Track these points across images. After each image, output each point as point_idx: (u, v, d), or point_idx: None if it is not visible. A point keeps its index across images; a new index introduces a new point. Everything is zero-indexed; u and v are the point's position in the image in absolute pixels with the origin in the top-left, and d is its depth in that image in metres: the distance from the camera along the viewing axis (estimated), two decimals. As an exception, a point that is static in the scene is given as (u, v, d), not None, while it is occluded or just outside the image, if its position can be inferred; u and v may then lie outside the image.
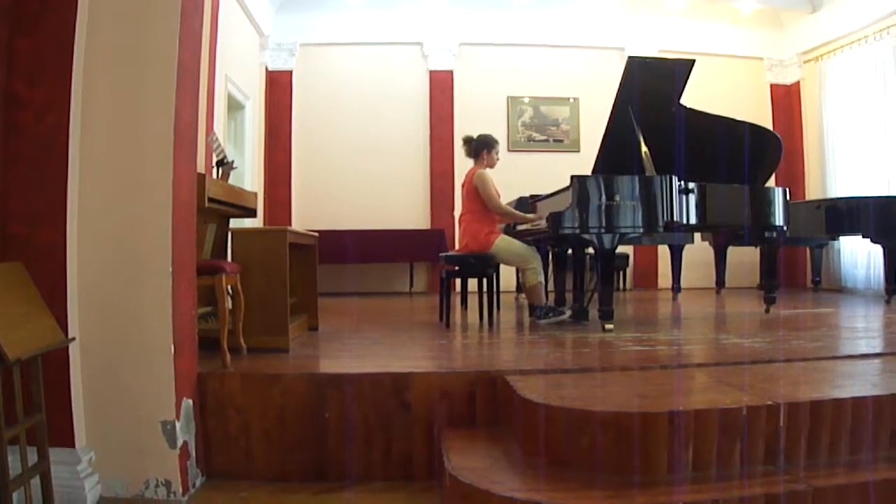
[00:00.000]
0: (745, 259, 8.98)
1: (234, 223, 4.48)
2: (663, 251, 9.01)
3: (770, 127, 8.19)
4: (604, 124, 5.24)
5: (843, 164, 9.01)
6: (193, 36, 3.08)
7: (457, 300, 6.29)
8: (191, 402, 2.96)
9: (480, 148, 5.42)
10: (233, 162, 4.40)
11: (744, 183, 5.20)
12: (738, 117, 5.50)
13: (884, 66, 8.22)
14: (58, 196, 2.70)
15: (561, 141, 9.74)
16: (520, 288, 7.15)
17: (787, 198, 5.44)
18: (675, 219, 4.59)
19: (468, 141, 5.51)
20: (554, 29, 9.68)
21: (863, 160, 8.65)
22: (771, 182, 5.78)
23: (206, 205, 3.48)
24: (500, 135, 6.04)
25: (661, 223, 4.58)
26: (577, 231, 4.51)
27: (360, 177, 9.48)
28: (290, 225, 8.40)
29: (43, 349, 2.37)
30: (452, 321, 5.32)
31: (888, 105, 8.12)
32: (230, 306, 3.57)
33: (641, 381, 3.01)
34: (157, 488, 2.77)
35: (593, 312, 5.01)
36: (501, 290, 6.22)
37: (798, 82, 9.86)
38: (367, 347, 4.13)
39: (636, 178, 4.59)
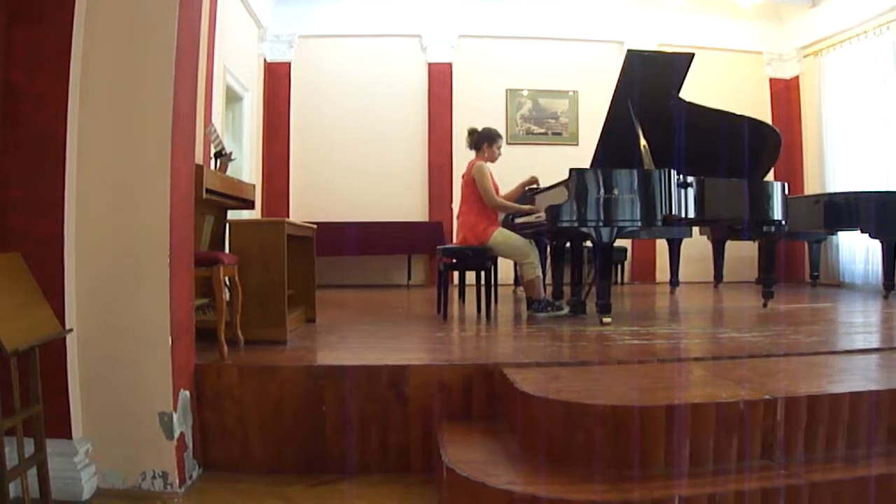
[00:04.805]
0: (743, 253, 8.99)
1: (232, 215, 4.48)
2: (661, 245, 9.02)
3: (769, 121, 8.19)
4: (602, 118, 5.23)
5: (842, 159, 9.00)
6: (192, 27, 3.07)
7: (455, 293, 6.29)
8: (188, 393, 2.97)
9: (482, 141, 5.43)
10: (231, 153, 4.40)
11: (743, 177, 5.20)
12: (738, 111, 5.49)
13: (883, 62, 8.20)
14: (56, 187, 2.70)
15: (560, 134, 9.73)
16: (518, 281, 7.15)
17: (786, 192, 5.43)
18: (673, 212, 4.59)
19: (472, 133, 5.52)
20: (553, 22, 9.66)
21: (862, 155, 8.64)
22: (770, 176, 5.78)
23: (204, 196, 3.48)
24: (498, 127, 6.03)
25: (659, 217, 4.58)
26: (576, 224, 4.51)
27: (359, 169, 9.46)
28: (287, 217, 8.43)
29: (41, 340, 2.37)
30: (450, 314, 5.33)
31: (887, 100, 8.11)
32: (228, 298, 3.57)
33: (639, 374, 3.02)
34: (154, 480, 2.77)
35: (591, 306, 5.02)
36: (499, 282, 6.22)
37: (797, 77, 9.85)
38: (364, 340, 4.14)
39: (635, 172, 4.59)
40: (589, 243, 4.80)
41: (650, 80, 5.04)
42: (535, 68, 9.70)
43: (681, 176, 4.66)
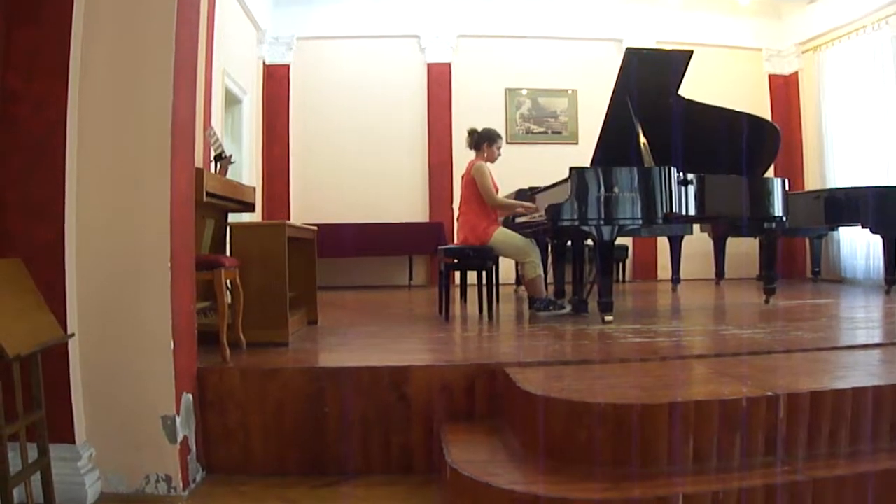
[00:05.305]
0: (744, 250, 8.99)
1: (233, 218, 4.48)
2: (662, 243, 9.02)
3: (769, 117, 8.19)
4: (602, 116, 5.23)
5: (841, 155, 9.00)
6: (190, 30, 3.07)
7: (456, 293, 6.29)
8: (191, 397, 2.96)
9: (482, 141, 5.43)
10: (231, 156, 4.39)
11: (742, 174, 5.20)
12: (737, 108, 5.49)
13: (882, 56, 8.20)
14: (55, 191, 2.69)
15: (559, 133, 9.73)
16: (519, 280, 7.16)
17: (786, 188, 5.44)
18: (674, 210, 4.59)
19: (472, 133, 5.53)
20: (552, 21, 9.66)
21: (861, 150, 8.64)
22: (770, 173, 5.78)
23: (205, 199, 3.48)
24: (498, 127, 6.05)
25: (660, 214, 4.57)
26: (576, 223, 4.51)
27: (359, 170, 9.46)
28: (288, 219, 8.44)
29: (42, 346, 2.37)
30: (452, 314, 5.33)
31: (886, 95, 8.11)
32: (229, 301, 3.57)
33: (641, 372, 3.02)
34: (158, 483, 2.77)
35: (593, 304, 5.02)
36: (501, 282, 6.23)
37: (796, 73, 9.85)
38: (366, 341, 4.14)
39: (635, 170, 4.59)
40: (590, 242, 4.80)
41: (649, 78, 5.03)
42: (534, 67, 9.70)
43: (681, 173, 4.65)
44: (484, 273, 5.23)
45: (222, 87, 7.54)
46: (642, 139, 4.99)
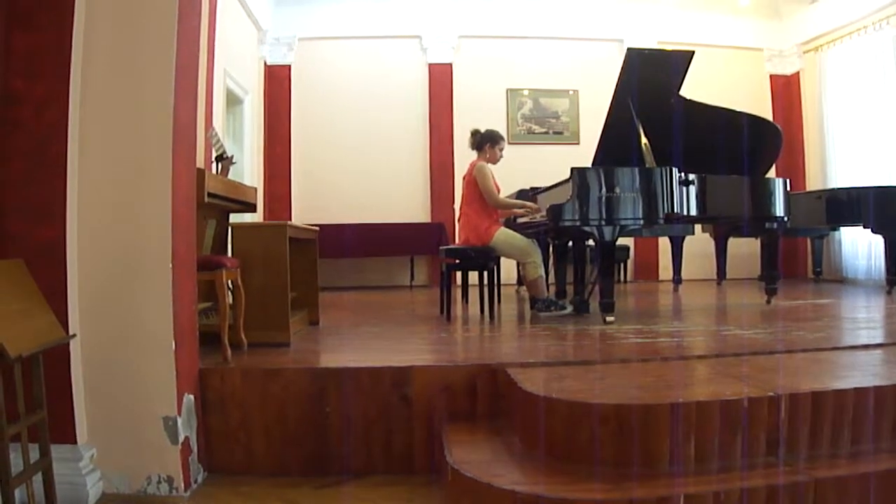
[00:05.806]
0: (745, 250, 8.98)
1: (234, 218, 4.48)
2: (664, 243, 9.01)
3: (770, 118, 8.18)
4: (603, 116, 5.22)
5: (843, 155, 8.99)
6: (191, 31, 3.07)
7: (458, 293, 6.29)
8: (192, 397, 2.96)
9: (484, 141, 5.44)
10: (232, 157, 4.40)
11: (744, 174, 5.20)
12: (738, 108, 5.48)
13: (883, 56, 8.19)
14: (57, 192, 2.70)
15: (561, 133, 9.73)
16: (521, 280, 7.16)
17: (788, 188, 5.43)
18: (675, 210, 4.59)
19: (474, 133, 5.54)
20: (553, 21, 9.66)
21: (863, 150, 8.63)
22: (771, 173, 5.77)
23: (206, 200, 3.48)
24: (499, 127, 6.05)
25: (661, 215, 4.57)
26: (578, 223, 4.51)
27: (360, 170, 9.46)
28: (289, 219, 8.44)
29: (44, 346, 2.37)
30: (453, 314, 5.33)
31: (888, 95, 8.10)
32: (231, 301, 3.57)
33: (642, 373, 3.01)
34: (160, 484, 2.77)
35: (594, 305, 5.01)
36: (502, 282, 6.23)
37: (798, 73, 9.84)
38: (367, 341, 4.14)
39: (636, 170, 4.58)
40: (591, 242, 4.79)
41: (650, 78, 5.03)
42: (535, 68, 9.70)
43: (682, 174, 4.65)
44: (485, 273, 5.23)
45: (224, 87, 7.55)
46: (644, 139, 4.99)
